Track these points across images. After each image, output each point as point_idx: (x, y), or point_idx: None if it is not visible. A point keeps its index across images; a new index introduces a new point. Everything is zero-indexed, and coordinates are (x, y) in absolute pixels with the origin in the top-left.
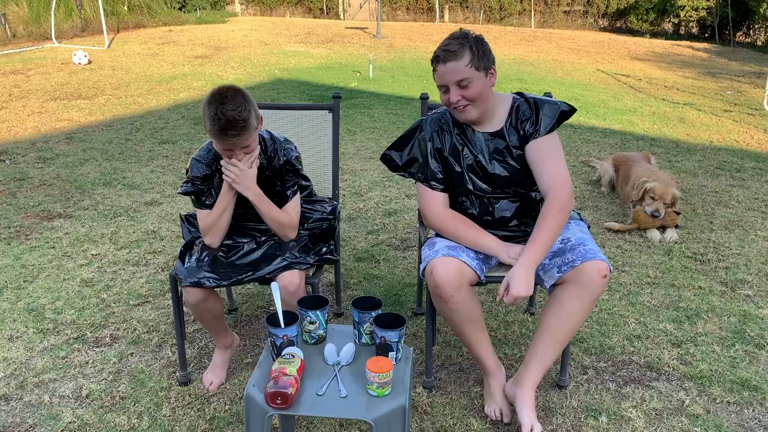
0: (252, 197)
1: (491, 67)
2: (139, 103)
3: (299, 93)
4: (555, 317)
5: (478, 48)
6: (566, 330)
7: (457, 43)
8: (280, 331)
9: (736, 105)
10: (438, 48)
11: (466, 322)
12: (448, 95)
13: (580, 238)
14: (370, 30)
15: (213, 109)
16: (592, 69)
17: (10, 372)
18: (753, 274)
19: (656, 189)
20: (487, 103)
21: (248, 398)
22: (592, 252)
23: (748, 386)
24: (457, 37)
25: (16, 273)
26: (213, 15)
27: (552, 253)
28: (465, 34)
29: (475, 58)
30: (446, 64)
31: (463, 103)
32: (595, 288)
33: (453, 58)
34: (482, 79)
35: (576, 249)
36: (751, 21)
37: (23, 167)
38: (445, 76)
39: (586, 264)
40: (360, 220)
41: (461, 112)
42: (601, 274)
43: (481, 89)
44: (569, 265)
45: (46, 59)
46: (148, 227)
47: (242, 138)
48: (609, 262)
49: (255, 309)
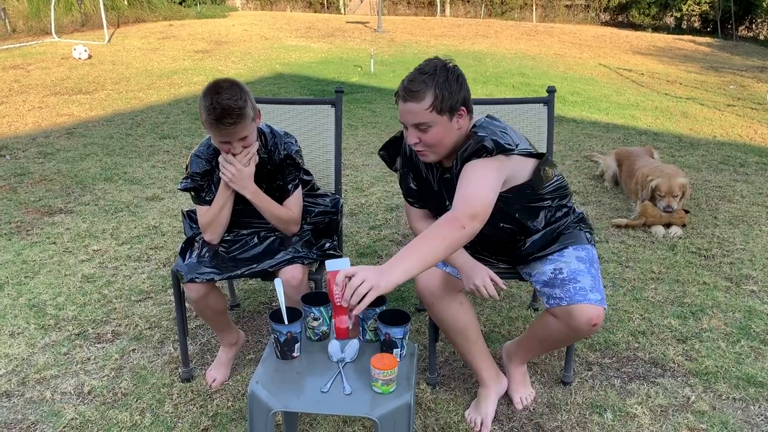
0: (249, 196)
1: (459, 109)
2: (140, 98)
3: (300, 88)
4: (542, 333)
5: (443, 89)
6: (551, 347)
7: (421, 80)
8: (283, 328)
9: (739, 99)
10: (402, 81)
11: (452, 331)
12: (407, 133)
13: (573, 271)
14: (371, 24)
15: (208, 99)
16: (594, 63)
17: (11, 368)
18: (758, 269)
19: (661, 185)
20: (451, 146)
21: (252, 395)
22: (583, 292)
23: (754, 382)
24: (424, 71)
25: (17, 269)
26: (213, 9)
27: (543, 282)
28: (434, 67)
29: (437, 100)
30: (405, 103)
31: (420, 147)
32: (582, 335)
33: (412, 99)
34: (444, 123)
35: (566, 285)
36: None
37: (24, 162)
38: (404, 116)
39: (576, 307)
40: (362, 215)
41: (420, 155)
42: (590, 323)
43: (441, 136)
44: (557, 303)
45: (46, 54)
46: (150, 222)
47: (239, 127)
48: (603, 299)
49: (257, 305)
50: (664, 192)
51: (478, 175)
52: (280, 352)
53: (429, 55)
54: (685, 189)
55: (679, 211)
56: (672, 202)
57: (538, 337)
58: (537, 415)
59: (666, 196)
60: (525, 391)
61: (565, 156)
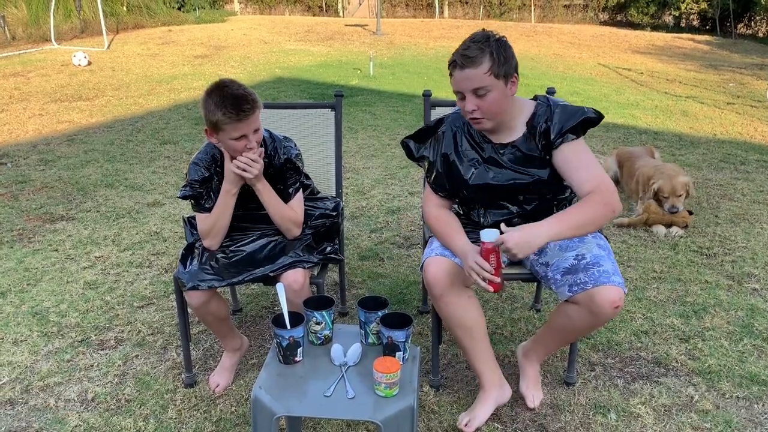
0: (260, 187)
1: (512, 74)
2: (140, 104)
3: (300, 91)
4: (562, 326)
5: (500, 54)
6: (571, 337)
7: (476, 47)
8: (286, 333)
9: (738, 97)
10: (456, 51)
11: (458, 327)
12: (463, 102)
13: (596, 256)
14: (370, 27)
15: (218, 95)
16: (593, 63)
17: (15, 376)
18: (760, 267)
19: (664, 187)
20: (506, 113)
21: (255, 400)
22: (606, 275)
23: (757, 381)
24: (477, 40)
25: (19, 276)
26: (212, 14)
27: (564, 269)
28: (486, 36)
29: (495, 65)
30: (463, 70)
31: (478, 114)
32: (605, 318)
33: (471, 65)
34: (501, 88)
35: (590, 269)
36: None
37: (25, 170)
38: (462, 83)
39: (598, 290)
40: (363, 218)
41: (476, 123)
42: (613, 305)
43: (499, 100)
44: (581, 287)
45: (45, 61)
46: (151, 228)
47: (255, 114)
48: (623, 283)
49: (260, 309)
50: (667, 193)
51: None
52: (282, 356)
53: (428, 57)
54: (688, 187)
55: (683, 212)
56: (676, 202)
57: (557, 328)
58: (540, 416)
59: (670, 197)
60: (537, 391)
61: None
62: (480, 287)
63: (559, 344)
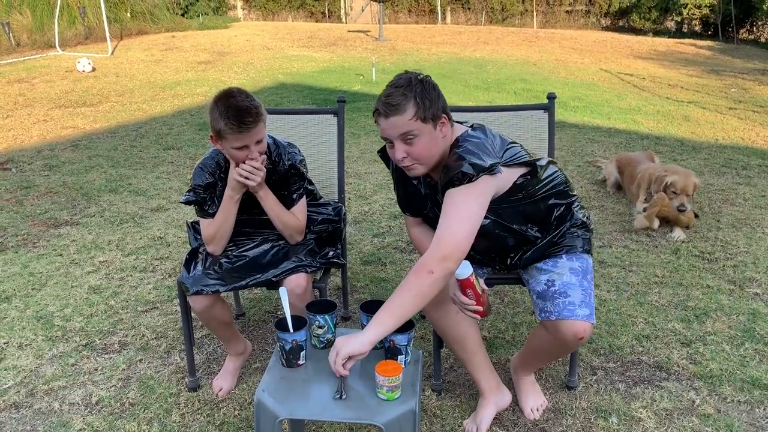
0: (262, 194)
1: (440, 116)
2: (144, 110)
3: (303, 97)
4: (537, 345)
5: (423, 98)
6: (547, 359)
7: (399, 93)
8: (289, 336)
9: (740, 102)
10: (378, 100)
11: (450, 341)
12: (393, 150)
13: (564, 284)
14: (373, 33)
15: (223, 105)
16: (595, 68)
17: (20, 380)
18: (761, 272)
19: (677, 182)
20: (437, 155)
21: (258, 404)
22: (571, 307)
23: (759, 385)
24: (400, 85)
25: (24, 281)
26: (215, 20)
27: (537, 293)
28: (409, 80)
29: (420, 109)
30: (388, 118)
31: (408, 161)
32: (570, 348)
33: (394, 113)
34: (429, 131)
35: (556, 299)
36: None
37: (29, 175)
38: (388, 130)
39: (562, 323)
40: (366, 223)
41: (408, 170)
42: (576, 337)
43: (428, 144)
44: (546, 316)
45: (50, 67)
46: (155, 233)
47: (258, 127)
48: (592, 313)
49: (263, 313)
50: (679, 189)
51: (455, 208)
52: (285, 360)
53: (430, 63)
54: (697, 189)
55: (690, 212)
56: (686, 200)
57: (534, 348)
58: (542, 421)
59: (681, 194)
60: (536, 400)
61: (567, 161)
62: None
63: (538, 362)
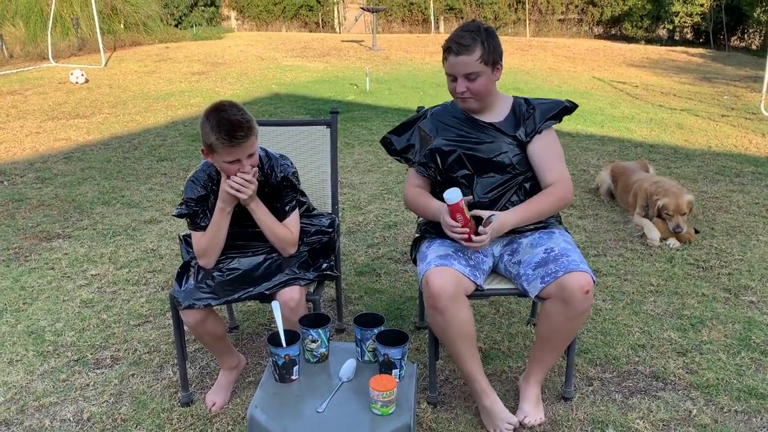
0: (253, 206)
1: (499, 62)
2: (137, 121)
3: (297, 107)
4: (547, 329)
5: (489, 43)
6: (560, 339)
7: (470, 36)
8: (281, 351)
9: (733, 109)
10: (450, 38)
11: (460, 337)
12: (455, 84)
13: (563, 249)
14: (366, 43)
15: (214, 119)
16: (588, 77)
17: (10, 396)
18: (756, 279)
19: (668, 205)
20: (490, 96)
21: (251, 419)
22: (575, 263)
23: (756, 394)
24: (470, 29)
25: (15, 295)
26: (209, 31)
27: (535, 263)
28: (478, 26)
29: (485, 53)
30: (458, 56)
31: (468, 94)
32: (579, 305)
33: (464, 52)
34: (488, 73)
35: (559, 260)
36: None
37: (21, 188)
38: (455, 67)
39: (568, 277)
40: (360, 233)
41: (464, 102)
42: (583, 290)
43: (486, 83)
44: (552, 276)
45: (43, 79)
46: (148, 246)
47: (250, 141)
48: (592, 273)
49: (256, 326)
50: (672, 211)
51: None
52: (278, 375)
53: (424, 72)
54: (692, 206)
55: (690, 231)
56: (681, 221)
57: (543, 336)
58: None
59: (674, 215)
60: (535, 415)
61: None
62: (455, 240)
63: (551, 354)
